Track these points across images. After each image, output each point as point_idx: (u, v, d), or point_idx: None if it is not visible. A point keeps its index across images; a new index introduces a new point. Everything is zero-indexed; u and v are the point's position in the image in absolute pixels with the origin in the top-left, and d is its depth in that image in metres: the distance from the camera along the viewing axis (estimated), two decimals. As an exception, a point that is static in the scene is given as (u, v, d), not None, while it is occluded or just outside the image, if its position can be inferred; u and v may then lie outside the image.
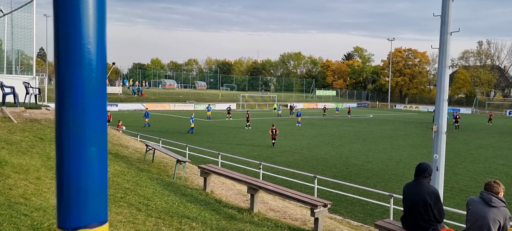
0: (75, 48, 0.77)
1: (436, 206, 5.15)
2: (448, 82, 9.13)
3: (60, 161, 0.79)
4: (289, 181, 15.59)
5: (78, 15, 0.77)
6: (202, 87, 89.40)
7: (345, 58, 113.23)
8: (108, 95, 57.73)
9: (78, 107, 0.78)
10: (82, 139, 0.79)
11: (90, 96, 0.79)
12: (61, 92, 0.78)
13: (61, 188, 0.80)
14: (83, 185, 0.80)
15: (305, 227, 7.35)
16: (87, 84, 0.78)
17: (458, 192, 15.49)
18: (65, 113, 0.78)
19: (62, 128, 0.79)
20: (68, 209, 0.79)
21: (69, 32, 0.77)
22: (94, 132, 0.80)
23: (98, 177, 0.82)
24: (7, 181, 5.85)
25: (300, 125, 39.87)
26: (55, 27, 0.77)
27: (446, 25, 8.84)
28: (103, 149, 0.82)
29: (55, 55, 0.78)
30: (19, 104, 13.95)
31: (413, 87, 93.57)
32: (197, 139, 27.57)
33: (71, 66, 0.77)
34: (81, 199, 0.80)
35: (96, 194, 0.81)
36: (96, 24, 0.78)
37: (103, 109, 0.81)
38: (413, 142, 29.98)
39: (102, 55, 0.80)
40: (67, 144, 0.79)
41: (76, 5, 0.76)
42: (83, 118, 0.79)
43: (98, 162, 0.81)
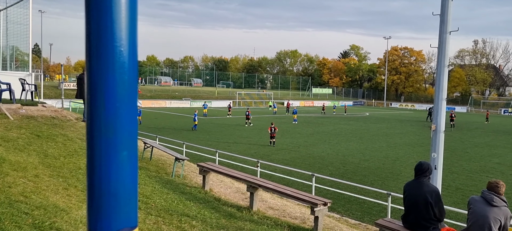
0: (108, 50, 0.75)
1: (437, 205, 5.17)
2: (446, 81, 9.15)
3: (91, 165, 0.78)
4: (286, 179, 15.59)
5: (110, 17, 0.75)
6: (198, 85, 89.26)
7: (342, 56, 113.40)
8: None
9: (111, 111, 0.77)
10: (114, 142, 0.77)
11: (123, 99, 0.77)
12: (93, 95, 0.76)
13: (92, 192, 0.78)
14: (115, 189, 0.78)
15: (305, 225, 7.36)
16: (119, 87, 0.77)
17: (455, 191, 15.57)
18: (97, 117, 0.76)
19: (94, 131, 0.77)
20: (100, 214, 0.78)
21: (101, 35, 0.75)
22: (126, 136, 0.79)
23: (129, 182, 0.80)
24: (6, 179, 5.81)
25: (296, 123, 39.90)
26: (87, 29, 0.76)
27: (445, 24, 8.85)
28: (134, 153, 0.81)
29: (87, 58, 0.77)
30: (15, 101, 13.86)
31: (409, 85, 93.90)
32: (194, 137, 27.53)
33: (104, 69, 0.76)
34: (112, 204, 0.78)
35: (127, 198, 0.80)
36: (128, 26, 0.77)
37: (134, 113, 0.80)
38: (410, 141, 30.10)
39: (134, 57, 0.79)
40: (99, 148, 0.77)
41: (108, 7, 0.75)
42: (115, 121, 0.77)
43: (129, 166, 0.80)
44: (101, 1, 0.75)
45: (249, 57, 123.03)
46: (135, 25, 0.78)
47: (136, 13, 0.78)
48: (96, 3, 0.75)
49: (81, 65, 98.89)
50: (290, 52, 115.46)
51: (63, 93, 19.07)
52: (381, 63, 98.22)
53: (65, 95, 18.81)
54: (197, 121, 32.93)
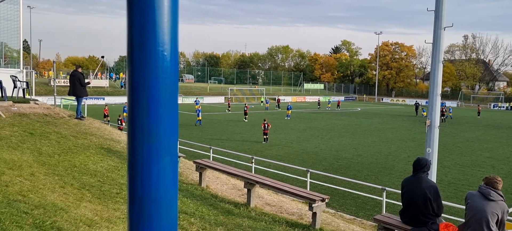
0: (151, 54, 0.74)
1: (435, 201, 5.22)
2: (441, 77, 9.23)
3: (133, 172, 0.77)
4: (280, 175, 15.64)
5: (153, 20, 0.74)
6: (190, 81, 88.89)
7: (333, 52, 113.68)
8: (95, 88, 57.05)
9: (154, 116, 0.75)
10: (157, 148, 0.76)
11: (166, 104, 0.76)
12: (135, 100, 0.75)
13: (134, 199, 0.77)
14: (156, 195, 0.77)
15: (302, 221, 7.38)
16: (163, 92, 0.75)
17: (447, 185, 15.74)
18: (140, 123, 0.75)
19: (136, 138, 0.76)
20: (142, 221, 0.77)
21: (144, 39, 0.74)
22: (168, 141, 0.77)
23: (171, 188, 0.79)
24: (2, 178, 5.74)
25: (289, 119, 39.97)
26: (129, 33, 0.74)
27: (439, 20, 8.91)
28: (175, 159, 0.80)
29: (130, 62, 0.75)
30: (7, 98, 13.69)
31: (400, 80, 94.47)
32: (187, 133, 27.45)
33: (147, 74, 0.74)
34: (154, 211, 0.77)
35: (169, 205, 0.79)
36: (171, 29, 0.76)
37: (176, 118, 0.79)
38: (401, 135, 30.33)
39: (175, 62, 0.78)
40: (141, 155, 0.76)
41: (151, 10, 0.74)
42: (159, 127, 0.76)
43: (171, 172, 0.79)
44: (144, 4, 0.73)
45: (240, 53, 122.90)
46: (177, 28, 0.77)
47: (178, 16, 0.77)
48: (139, 6, 0.73)
49: (72, 61, 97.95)
50: (281, 48, 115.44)
51: (55, 90, 18.87)
52: (372, 59, 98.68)
53: (57, 92, 18.60)
54: (200, 116, 33.75)
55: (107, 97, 54.49)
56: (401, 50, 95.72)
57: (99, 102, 52.08)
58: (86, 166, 8.88)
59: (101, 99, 53.48)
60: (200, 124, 33.06)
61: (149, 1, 0.73)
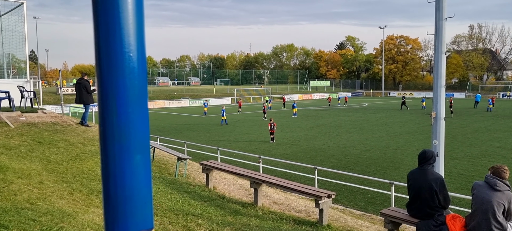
0: (117, 56, 0.76)
1: (441, 193, 5.19)
2: (444, 68, 9.17)
3: (106, 171, 0.79)
4: (288, 173, 15.63)
5: (118, 23, 0.76)
6: (196, 83, 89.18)
7: (338, 48, 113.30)
8: (102, 95, 57.52)
9: (123, 116, 0.78)
10: (128, 147, 0.78)
11: (134, 104, 0.78)
12: (105, 101, 0.77)
13: (108, 197, 0.79)
14: (130, 193, 0.80)
15: (310, 218, 7.39)
16: (130, 92, 0.78)
17: (457, 176, 15.62)
18: (109, 123, 0.77)
19: (107, 137, 0.78)
20: (116, 218, 0.79)
21: (110, 41, 0.76)
22: (139, 140, 0.80)
23: (144, 185, 0.81)
24: (11, 187, 5.82)
25: (296, 117, 39.92)
26: (95, 36, 0.77)
27: (441, 11, 8.86)
28: (147, 157, 0.82)
29: (97, 64, 0.77)
30: (15, 108, 13.86)
31: (407, 74, 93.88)
32: (194, 136, 27.55)
33: (114, 75, 0.77)
34: (128, 207, 0.80)
35: (143, 201, 0.81)
36: (136, 32, 0.78)
37: (146, 117, 0.81)
38: (410, 129, 30.15)
39: (143, 62, 0.80)
40: (112, 153, 0.78)
41: (116, 14, 0.76)
42: (128, 126, 0.78)
43: (144, 170, 0.81)
44: (108, 8, 0.76)
45: (245, 53, 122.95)
46: (143, 31, 0.79)
47: (143, 19, 0.79)
48: (104, 9, 0.76)
49: (79, 69, 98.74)
50: (286, 46, 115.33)
51: (62, 98, 19.06)
52: (377, 53, 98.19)
53: (64, 101, 18.79)
54: (225, 116, 34.66)
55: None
56: (407, 44, 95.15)
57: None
58: (94, 172, 8.97)
59: (108, 106, 53.78)
60: (225, 123, 34.04)
61: (113, 3, 0.76)
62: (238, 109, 48.14)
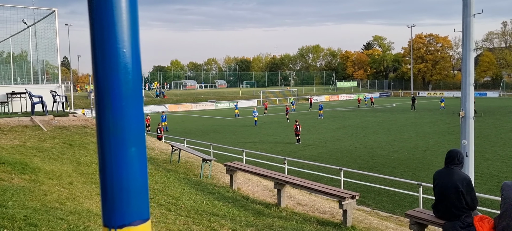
0: (111, 52, 0.80)
1: (468, 194, 5.04)
2: (473, 66, 8.91)
3: (102, 163, 0.82)
4: (314, 175, 15.53)
5: (112, 20, 0.79)
6: (222, 86, 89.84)
7: (365, 48, 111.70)
8: (131, 99, 58.93)
9: (117, 110, 0.81)
10: (122, 140, 0.82)
11: (128, 98, 0.81)
12: (100, 96, 0.81)
13: (105, 188, 0.83)
14: (125, 184, 0.83)
15: (334, 219, 7.32)
16: (124, 87, 0.81)
17: (489, 178, 15.12)
18: (105, 117, 0.81)
19: (102, 131, 0.81)
20: (113, 208, 0.82)
21: (105, 38, 0.79)
22: (133, 133, 0.83)
23: (139, 176, 0.84)
24: (42, 187, 6.04)
25: (322, 118, 39.62)
26: (91, 34, 0.80)
27: (468, 7, 8.62)
28: (142, 149, 0.85)
29: (93, 61, 0.81)
30: (47, 112, 14.35)
31: (437, 73, 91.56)
32: (220, 138, 27.77)
33: (109, 71, 0.80)
34: (124, 198, 0.83)
35: (138, 192, 0.84)
36: (130, 29, 0.81)
37: (140, 111, 0.84)
38: (439, 129, 29.39)
39: (137, 58, 0.83)
40: (108, 146, 0.81)
41: (110, 12, 0.79)
42: (122, 120, 0.81)
43: (138, 162, 0.84)
44: (102, 5, 0.79)
45: (271, 55, 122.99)
46: (137, 28, 0.82)
47: (137, 15, 0.82)
48: (98, 7, 0.79)
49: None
50: (312, 48, 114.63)
51: (92, 102, 19.61)
52: (406, 52, 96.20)
53: (94, 105, 19.30)
54: (256, 117, 36.05)
55: (143, 107, 55.91)
56: (436, 42, 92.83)
57: (135, 112, 53.57)
58: (121, 173, 9.19)
59: (137, 109, 54.94)
60: (256, 124, 35.08)
61: (108, 1, 0.79)
62: (264, 111, 48.19)
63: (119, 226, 0.81)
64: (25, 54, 21.16)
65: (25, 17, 18.57)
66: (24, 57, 21.82)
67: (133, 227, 0.82)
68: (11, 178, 6.31)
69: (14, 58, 21.31)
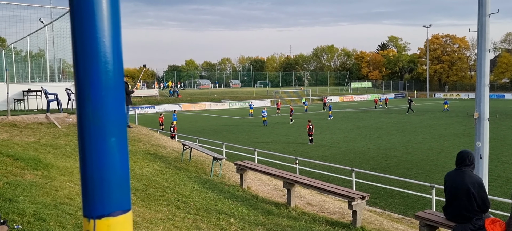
0: (90, 42, 0.79)
1: (479, 196, 4.95)
2: (488, 66, 8.74)
3: (82, 153, 0.82)
4: (326, 175, 15.44)
5: (92, 9, 0.79)
6: (236, 86, 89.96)
7: (380, 49, 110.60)
8: (146, 97, 59.34)
9: (97, 100, 0.81)
10: (102, 130, 0.81)
11: (108, 88, 0.81)
12: (80, 86, 0.81)
13: (85, 178, 0.83)
14: (105, 174, 0.82)
15: (344, 220, 7.26)
16: (104, 76, 0.81)
17: (505, 181, 14.82)
18: (84, 107, 0.81)
19: (83, 121, 0.81)
20: (92, 198, 0.82)
21: (84, 27, 0.79)
22: (113, 123, 0.82)
23: (119, 167, 0.84)
24: (53, 183, 6.13)
25: (332, 118, 39.37)
26: (71, 22, 0.80)
27: (484, 7, 8.46)
28: (123, 139, 0.84)
29: (73, 50, 0.81)
30: (62, 110, 14.58)
31: (453, 74, 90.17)
32: (233, 137, 27.82)
33: (88, 60, 0.80)
34: (104, 189, 0.82)
35: (118, 183, 0.84)
36: (110, 18, 0.81)
37: (121, 101, 0.84)
38: (455, 131, 28.94)
39: (118, 48, 0.82)
40: (88, 136, 0.81)
41: (90, 1, 0.79)
42: (102, 110, 0.81)
43: (119, 152, 0.83)
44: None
45: (285, 55, 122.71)
46: (118, 18, 0.82)
47: (118, 6, 0.82)
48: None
49: (124, 73, 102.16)
50: (326, 48, 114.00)
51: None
52: (421, 53, 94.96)
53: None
54: (266, 116, 35.92)
55: (157, 106, 56.40)
56: (453, 43, 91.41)
57: (149, 111, 54.06)
58: (132, 170, 9.27)
59: (152, 108, 55.49)
60: (266, 124, 34.92)
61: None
62: (277, 111, 48.09)
63: (98, 216, 0.81)
64: (43, 53, 21.55)
65: (43, 16, 18.90)
66: (42, 56, 22.22)
67: (112, 218, 0.82)
68: (24, 174, 6.42)
69: (31, 57, 21.71)
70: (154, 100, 59.89)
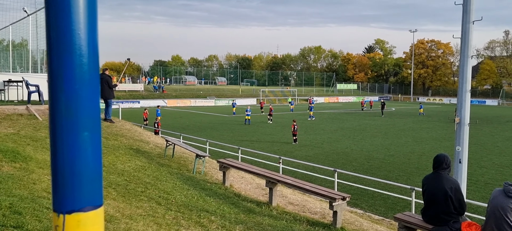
0: (65, 34, 0.78)
1: (457, 199, 5.05)
2: (470, 73, 8.90)
3: (54, 146, 0.81)
4: (309, 175, 15.53)
5: (68, 2, 0.78)
6: (223, 83, 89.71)
7: (366, 51, 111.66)
8: (130, 92, 58.72)
9: (70, 93, 0.79)
10: (75, 124, 0.80)
11: (82, 81, 0.80)
12: (53, 78, 0.79)
13: (56, 172, 0.81)
14: (77, 169, 0.81)
15: (324, 220, 7.31)
16: (78, 69, 0.79)
17: (483, 185, 15.13)
18: (57, 100, 0.79)
19: (55, 113, 0.80)
20: (63, 192, 0.81)
21: (59, 19, 0.78)
22: (87, 117, 0.81)
23: (92, 161, 0.83)
24: (31, 176, 6.02)
25: (314, 119, 39.53)
26: (46, 15, 0.79)
27: (468, 14, 8.60)
28: (96, 134, 0.83)
29: (47, 41, 0.80)
30: (43, 102, 14.32)
31: (437, 79, 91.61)
32: (217, 135, 27.75)
33: (62, 52, 0.78)
34: (75, 183, 0.81)
35: (90, 178, 0.83)
36: (87, 11, 0.79)
37: (96, 95, 0.82)
38: (436, 135, 29.41)
39: (93, 41, 0.81)
40: (60, 130, 0.80)
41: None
42: (76, 103, 0.80)
43: (91, 146, 0.82)
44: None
45: (272, 54, 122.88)
46: (95, 11, 0.81)
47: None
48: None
49: (109, 66, 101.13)
50: (313, 49, 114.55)
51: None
52: (407, 57, 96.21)
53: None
54: (249, 115, 35.46)
55: (142, 101, 55.89)
56: (438, 48, 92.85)
57: (134, 106, 53.52)
58: (114, 165, 9.17)
59: (136, 103, 54.94)
60: (249, 123, 34.62)
61: (64, -17, 0.77)
62: (261, 110, 48.05)
63: (68, 212, 0.80)
64: (26, 43, 21.12)
65: (27, 5, 18.51)
66: (24, 46, 21.77)
67: (83, 213, 0.81)
68: (1, 166, 6.29)
69: (14, 46, 21.26)
70: (139, 95, 59.32)
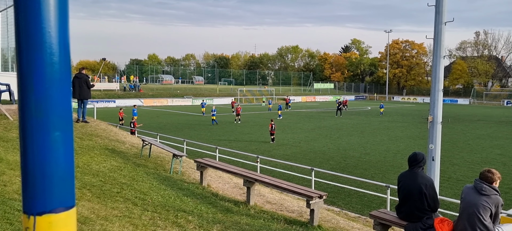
0: (35, 32, 0.76)
1: (431, 196, 5.18)
2: (443, 72, 9.14)
3: (24, 147, 0.79)
4: (286, 174, 15.61)
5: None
6: (200, 82, 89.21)
7: (343, 51, 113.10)
8: (105, 91, 57.63)
9: (40, 92, 0.78)
10: (45, 123, 0.79)
11: (53, 80, 0.79)
12: (23, 77, 0.77)
13: (26, 173, 0.79)
14: (48, 169, 0.80)
15: (302, 219, 7.37)
16: (49, 68, 0.78)
17: (455, 182, 15.55)
18: (27, 99, 0.78)
19: (25, 113, 0.78)
20: (33, 194, 0.79)
21: (28, 16, 0.76)
22: (58, 117, 0.80)
23: (63, 162, 0.81)
24: (2, 178, 5.85)
25: (281, 118, 39.59)
26: (15, 12, 0.77)
27: (440, 15, 8.83)
28: (68, 134, 0.82)
29: (16, 40, 0.78)
30: (14, 101, 13.91)
31: (411, 79, 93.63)
32: (195, 134, 27.59)
33: (32, 51, 0.77)
34: (46, 184, 0.80)
35: (61, 178, 0.81)
36: (57, 9, 0.78)
37: (67, 94, 0.81)
38: (411, 133, 30.05)
39: (64, 39, 0.80)
40: (30, 129, 0.78)
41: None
42: (46, 103, 0.78)
43: (63, 147, 0.81)
44: (27, -16, 0.76)
45: (250, 54, 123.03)
46: (66, 9, 0.79)
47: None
48: (23, -15, 0.76)
49: (83, 65, 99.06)
50: (291, 48, 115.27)
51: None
52: (382, 57, 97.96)
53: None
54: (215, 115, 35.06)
55: (117, 100, 54.98)
56: (412, 48, 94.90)
57: (109, 105, 52.62)
58: (89, 166, 9.00)
59: (112, 102, 54.01)
60: (216, 123, 34.23)
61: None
62: (232, 110, 47.29)
63: (39, 213, 0.78)
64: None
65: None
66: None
67: (54, 215, 0.79)
68: (-30, 167, 6.09)
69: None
70: (115, 95, 58.34)
